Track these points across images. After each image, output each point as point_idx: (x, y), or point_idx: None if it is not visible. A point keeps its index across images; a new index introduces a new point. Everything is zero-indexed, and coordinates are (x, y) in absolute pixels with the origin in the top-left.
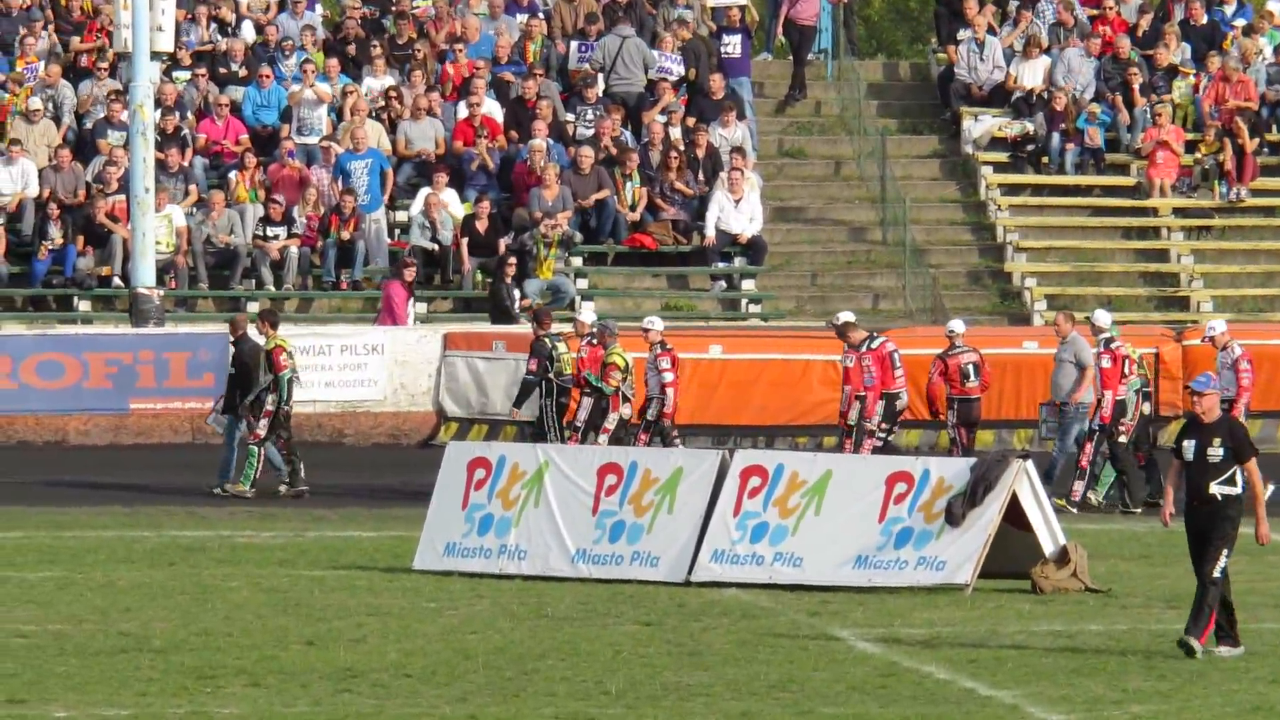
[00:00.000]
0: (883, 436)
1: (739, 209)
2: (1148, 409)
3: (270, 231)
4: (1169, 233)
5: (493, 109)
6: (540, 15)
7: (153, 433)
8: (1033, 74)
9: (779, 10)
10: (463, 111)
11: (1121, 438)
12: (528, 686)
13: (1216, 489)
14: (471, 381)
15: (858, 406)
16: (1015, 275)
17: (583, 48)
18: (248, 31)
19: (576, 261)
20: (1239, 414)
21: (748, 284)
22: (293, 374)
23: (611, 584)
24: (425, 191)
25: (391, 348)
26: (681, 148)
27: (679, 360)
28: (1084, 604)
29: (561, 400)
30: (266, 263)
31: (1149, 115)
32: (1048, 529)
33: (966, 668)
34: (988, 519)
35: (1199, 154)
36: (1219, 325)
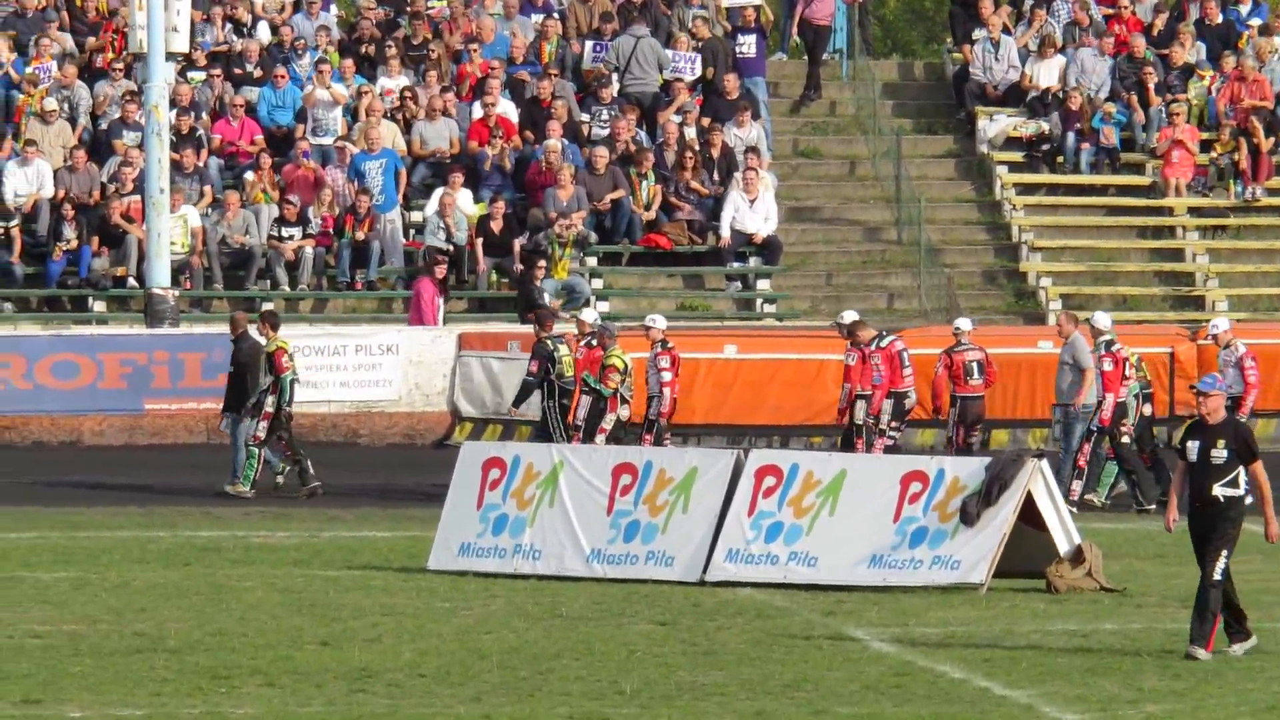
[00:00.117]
0: (894, 436)
1: (754, 209)
2: (1149, 410)
3: (285, 232)
4: (1184, 232)
5: (508, 109)
6: (555, 15)
7: (167, 433)
8: (1048, 73)
9: (794, 10)
10: (478, 112)
11: (1124, 438)
12: (542, 686)
13: (1219, 490)
14: (486, 381)
15: (862, 406)
16: (1030, 275)
17: (597, 47)
18: (263, 32)
19: (591, 261)
20: (1246, 412)
21: (763, 284)
22: (294, 376)
23: (626, 584)
24: (440, 192)
25: (406, 348)
26: (696, 148)
27: (679, 359)
28: (1099, 603)
29: (564, 402)
30: (281, 263)
31: (1164, 115)
32: (1063, 528)
33: (981, 667)
34: (1003, 518)
35: (1214, 153)
36: (1222, 324)
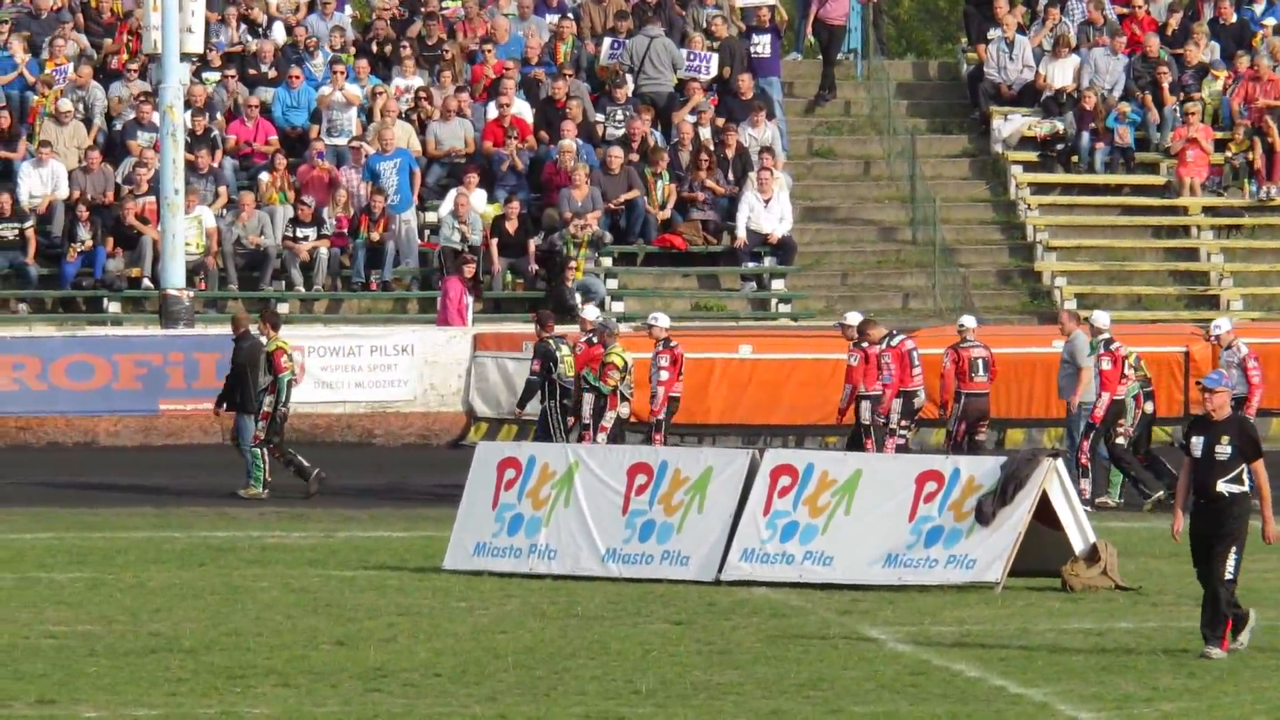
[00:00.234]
0: (904, 435)
1: (769, 209)
2: (1150, 408)
3: (300, 233)
4: (1199, 231)
5: (522, 109)
6: (570, 15)
7: (182, 434)
8: (1062, 73)
9: (808, 10)
10: (492, 112)
11: (1119, 439)
12: (558, 686)
13: (1223, 486)
14: (501, 382)
15: (868, 406)
16: (1045, 274)
17: (615, 44)
18: (277, 33)
19: (606, 262)
20: (1251, 413)
21: (778, 284)
22: (292, 376)
23: (641, 583)
24: (454, 192)
25: (421, 348)
26: (711, 148)
27: (682, 359)
28: (1114, 602)
29: (565, 402)
30: (296, 264)
31: (1179, 114)
32: (1078, 527)
33: (997, 666)
34: (1018, 517)
35: (1229, 152)
36: (1224, 324)
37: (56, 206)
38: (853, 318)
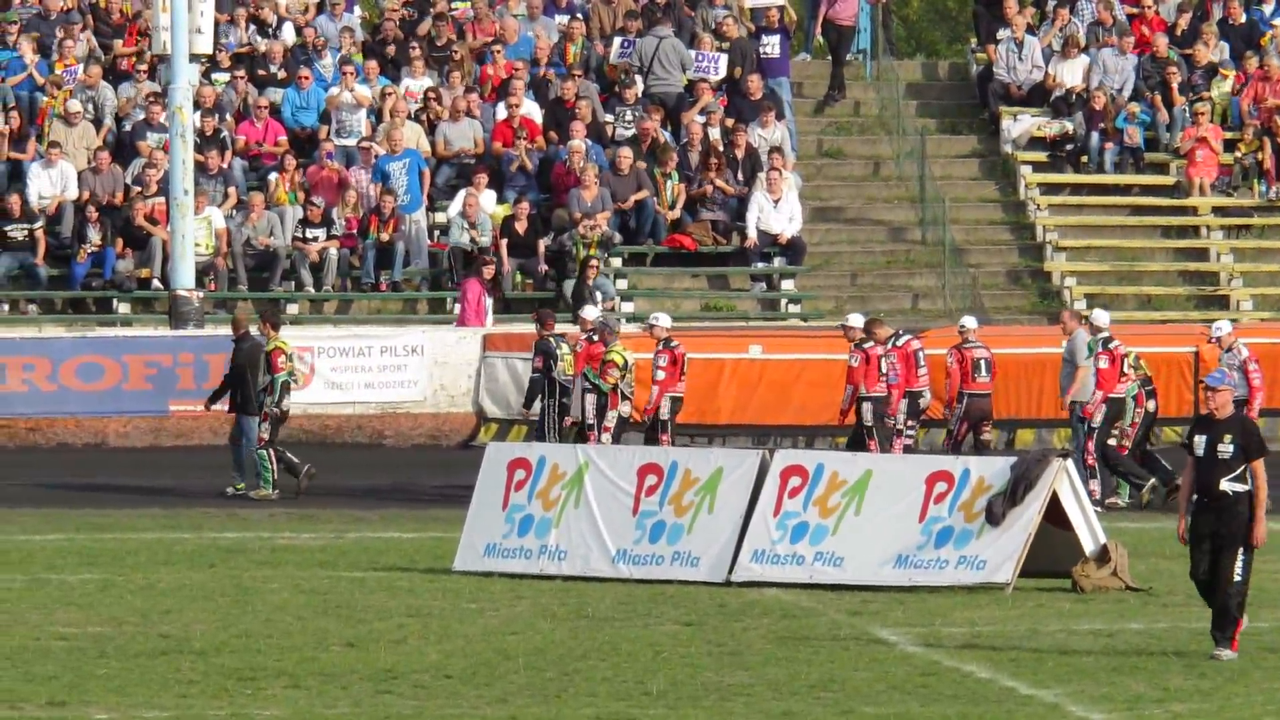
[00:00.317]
0: (912, 434)
1: (778, 209)
2: (1153, 406)
3: (309, 233)
4: (1208, 231)
5: (531, 110)
6: (579, 16)
7: (192, 435)
8: (1072, 73)
9: (817, 11)
10: (501, 113)
11: (1111, 439)
12: (569, 687)
13: (1227, 485)
14: (511, 382)
15: (868, 407)
16: (1055, 274)
17: (625, 43)
18: (287, 33)
19: (616, 262)
20: (1253, 414)
21: (787, 284)
22: (288, 377)
23: (652, 584)
24: (464, 193)
25: (431, 349)
26: (720, 148)
27: (683, 359)
28: (1125, 603)
29: (564, 400)
30: (306, 264)
31: (1188, 114)
32: (1088, 528)
33: (1007, 666)
34: (1028, 518)
35: (1238, 153)
36: (1225, 326)
37: (66, 207)
38: (855, 319)
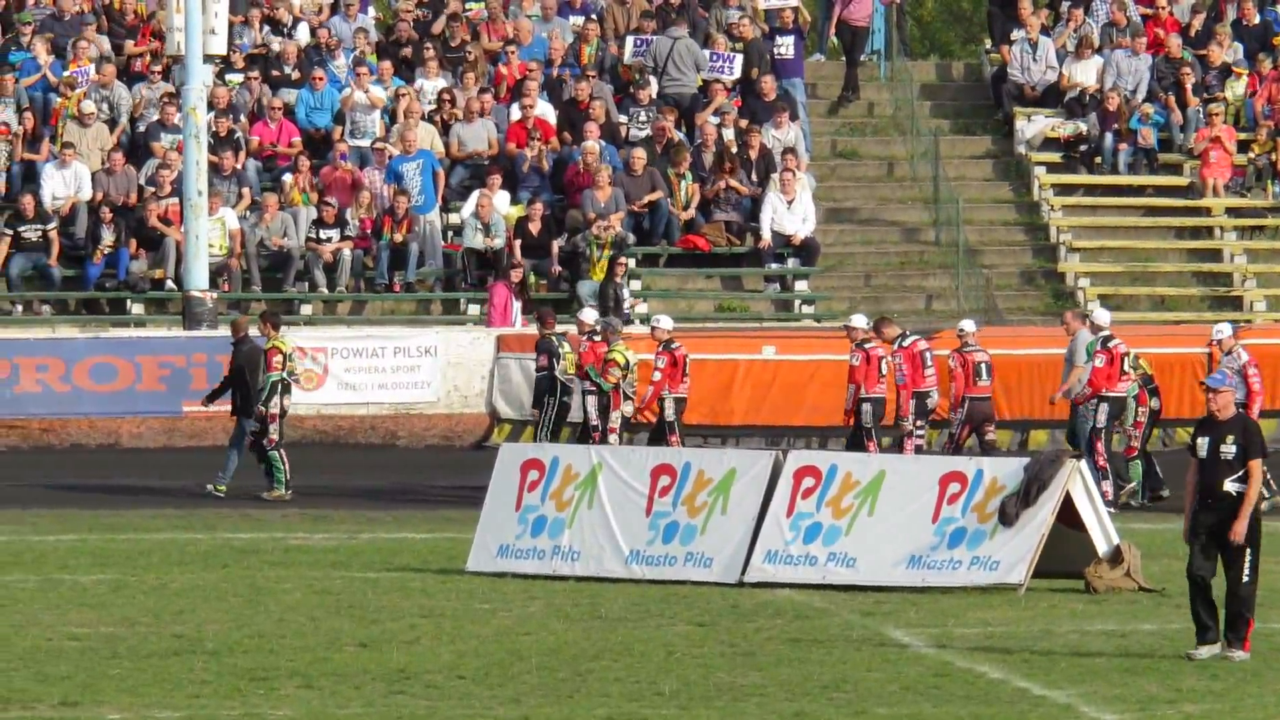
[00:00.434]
0: (922, 435)
1: (792, 210)
2: (1156, 404)
3: (323, 234)
4: (1222, 232)
5: (545, 110)
6: (593, 17)
7: (205, 435)
8: (1085, 74)
9: (831, 11)
10: (515, 113)
11: (1116, 436)
12: (581, 687)
13: (1230, 486)
14: (525, 384)
15: (868, 408)
16: (1068, 275)
17: (638, 42)
18: (301, 34)
19: (630, 263)
20: (1253, 417)
21: (801, 285)
22: (282, 377)
23: (665, 585)
24: (477, 193)
25: (445, 350)
26: (734, 149)
27: (684, 360)
28: (1137, 603)
29: (564, 399)
30: (319, 265)
31: (1202, 115)
32: (1101, 528)
33: (1020, 667)
34: (1041, 519)
35: (1252, 153)
36: (1225, 329)
37: (80, 208)
38: (857, 319)
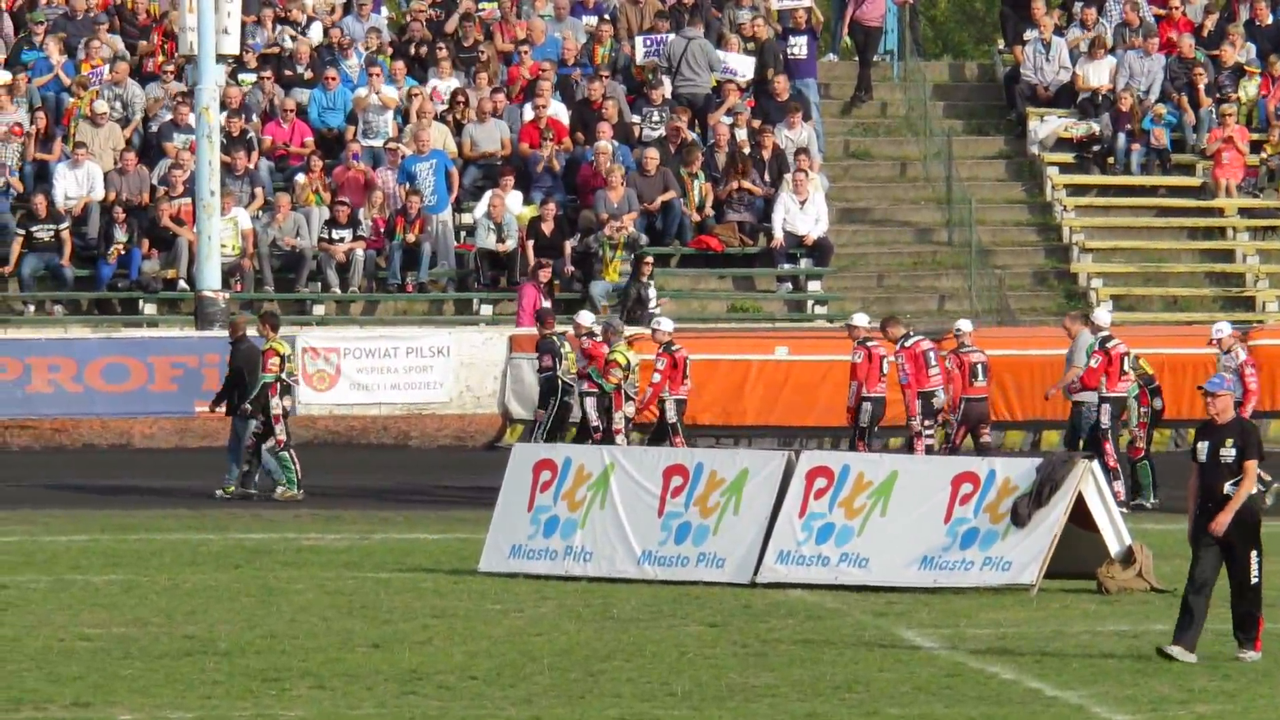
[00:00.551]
0: (931, 435)
1: (804, 210)
2: (1159, 404)
3: (336, 234)
4: (1234, 233)
5: (558, 111)
6: (607, 17)
7: (218, 436)
8: (1098, 74)
9: (844, 12)
10: (528, 113)
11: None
12: (593, 688)
13: (1231, 489)
14: (537, 384)
15: (867, 408)
16: (1081, 276)
17: (648, 41)
18: (314, 33)
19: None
20: (1246, 415)
21: (814, 285)
22: (279, 378)
23: (677, 585)
24: (490, 194)
25: (457, 350)
26: (747, 149)
27: (684, 362)
28: (1149, 604)
29: (566, 400)
30: (332, 265)
31: (1214, 115)
32: (1113, 529)
33: (1032, 668)
34: (1053, 519)
35: (1264, 154)
36: (1224, 328)
37: (92, 208)
38: (859, 318)
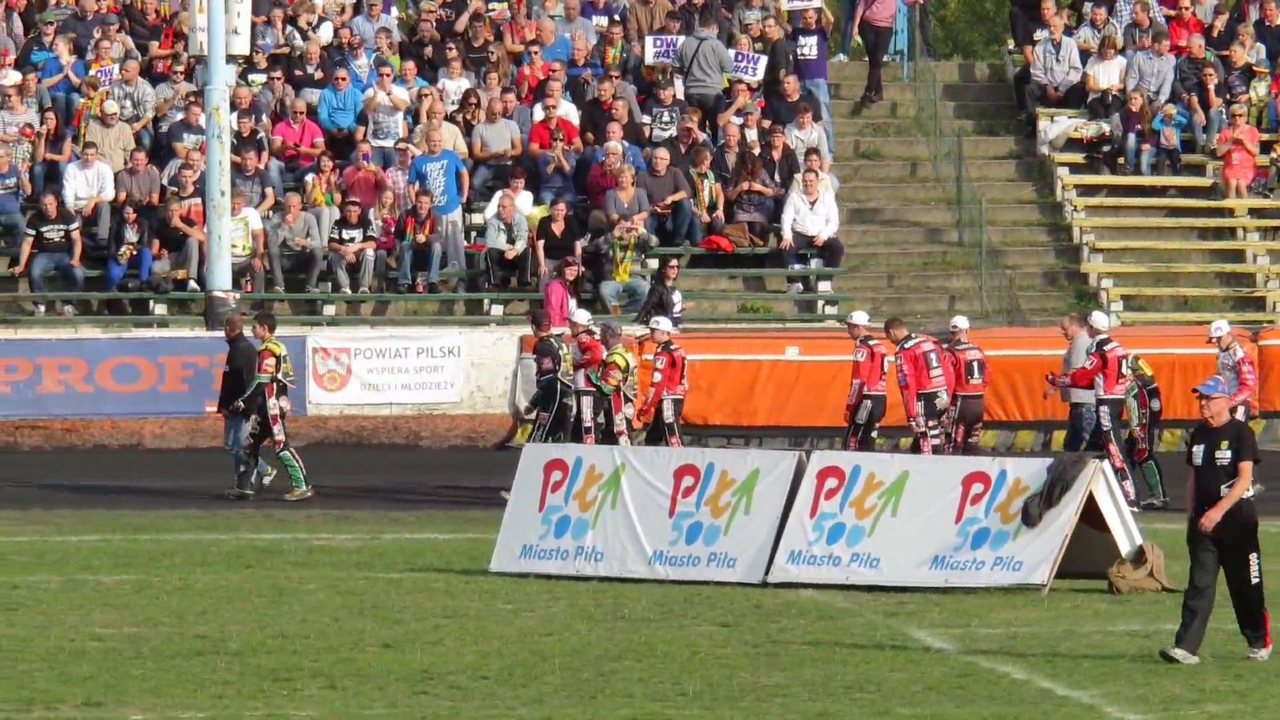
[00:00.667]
0: (937, 435)
1: (815, 211)
2: (1156, 405)
3: (346, 234)
4: (1244, 233)
5: (569, 111)
6: (617, 17)
7: None
8: (1109, 75)
9: (854, 12)
10: (539, 114)
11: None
12: (605, 688)
13: (1226, 491)
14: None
15: (867, 406)
16: (1091, 276)
17: (658, 42)
18: (324, 33)
19: (653, 264)
20: (1239, 413)
21: (824, 286)
22: (274, 378)
23: (688, 585)
24: (500, 194)
25: (468, 350)
26: (757, 150)
27: (683, 362)
28: (1160, 604)
29: (564, 400)
30: (342, 266)
31: (1224, 116)
32: (1124, 529)
33: (1044, 668)
34: (1064, 519)
35: (1274, 154)
36: (1223, 326)
37: (102, 208)
38: (858, 316)
